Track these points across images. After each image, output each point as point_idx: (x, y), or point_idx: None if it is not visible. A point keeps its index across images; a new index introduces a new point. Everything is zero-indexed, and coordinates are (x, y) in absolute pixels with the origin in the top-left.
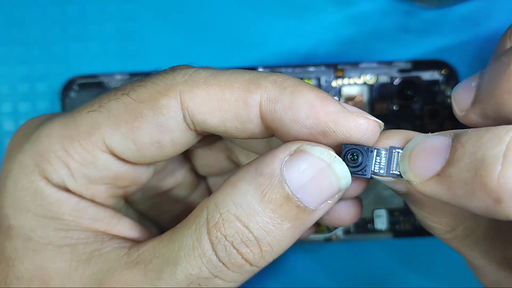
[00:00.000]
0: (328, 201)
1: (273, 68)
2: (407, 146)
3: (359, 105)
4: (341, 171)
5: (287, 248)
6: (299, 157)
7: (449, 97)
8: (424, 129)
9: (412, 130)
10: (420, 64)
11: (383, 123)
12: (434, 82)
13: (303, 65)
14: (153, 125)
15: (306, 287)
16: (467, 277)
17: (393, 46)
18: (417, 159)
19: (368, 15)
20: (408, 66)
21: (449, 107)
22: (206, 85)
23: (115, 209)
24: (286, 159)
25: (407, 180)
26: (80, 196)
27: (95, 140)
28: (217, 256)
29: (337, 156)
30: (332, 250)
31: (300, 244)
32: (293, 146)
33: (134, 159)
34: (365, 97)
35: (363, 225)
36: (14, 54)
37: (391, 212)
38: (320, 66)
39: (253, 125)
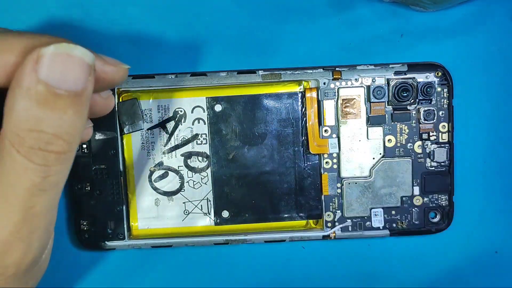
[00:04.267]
0: (88, 78)
1: (272, 70)
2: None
3: (356, 106)
4: (80, 52)
5: (83, 127)
6: (43, 60)
7: (445, 98)
8: (419, 129)
9: (408, 130)
10: (416, 67)
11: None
12: (429, 84)
13: (302, 68)
14: None
15: (305, 286)
16: (462, 274)
17: (389, 49)
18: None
19: (365, 19)
20: (404, 68)
21: (444, 108)
22: None
23: None
24: (35, 67)
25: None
26: None
27: None
28: (37, 164)
29: (68, 44)
30: (330, 247)
31: (298, 242)
32: (34, 55)
33: None
34: (362, 99)
35: (361, 224)
36: None
37: (387, 211)
38: (318, 68)
39: None
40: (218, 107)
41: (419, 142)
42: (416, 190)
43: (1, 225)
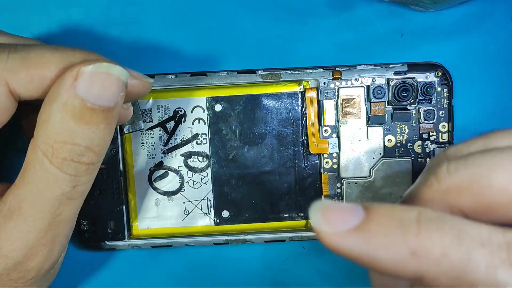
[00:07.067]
0: (121, 94)
1: (272, 70)
2: (316, 204)
3: (356, 106)
4: (117, 72)
5: (111, 139)
6: (83, 77)
7: (445, 98)
8: (419, 129)
9: (408, 130)
10: (416, 67)
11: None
12: (429, 84)
13: (302, 68)
14: None
15: (305, 286)
16: None
17: (389, 49)
18: (332, 214)
19: (365, 19)
20: (404, 68)
21: (444, 108)
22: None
23: None
24: (74, 83)
25: (315, 230)
26: None
27: None
28: (68, 174)
29: (108, 64)
30: None
31: (298, 242)
32: (73, 72)
33: None
34: (362, 99)
35: None
36: None
37: None
38: (318, 68)
39: None
40: (218, 107)
41: (419, 142)
42: None
43: (28, 231)
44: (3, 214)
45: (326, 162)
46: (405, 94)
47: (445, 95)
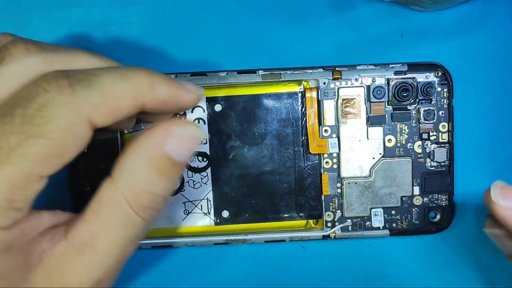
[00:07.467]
0: None
1: (272, 70)
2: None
3: (356, 106)
4: (201, 134)
5: None
6: (173, 138)
7: (445, 98)
8: (419, 129)
9: (408, 130)
10: (416, 67)
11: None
12: (429, 84)
13: (302, 68)
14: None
15: (305, 286)
16: (461, 274)
17: (390, 49)
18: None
19: (365, 19)
20: (404, 68)
21: (444, 108)
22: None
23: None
24: (164, 141)
25: (491, 201)
26: None
27: None
28: (143, 218)
29: (196, 128)
30: (330, 247)
31: (298, 242)
32: (163, 130)
33: None
34: (362, 99)
35: (361, 224)
36: None
37: (387, 211)
38: (318, 68)
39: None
40: (218, 107)
41: (419, 142)
42: (416, 190)
43: (99, 267)
44: (75, 249)
45: (326, 162)
46: (405, 94)
47: (445, 95)
